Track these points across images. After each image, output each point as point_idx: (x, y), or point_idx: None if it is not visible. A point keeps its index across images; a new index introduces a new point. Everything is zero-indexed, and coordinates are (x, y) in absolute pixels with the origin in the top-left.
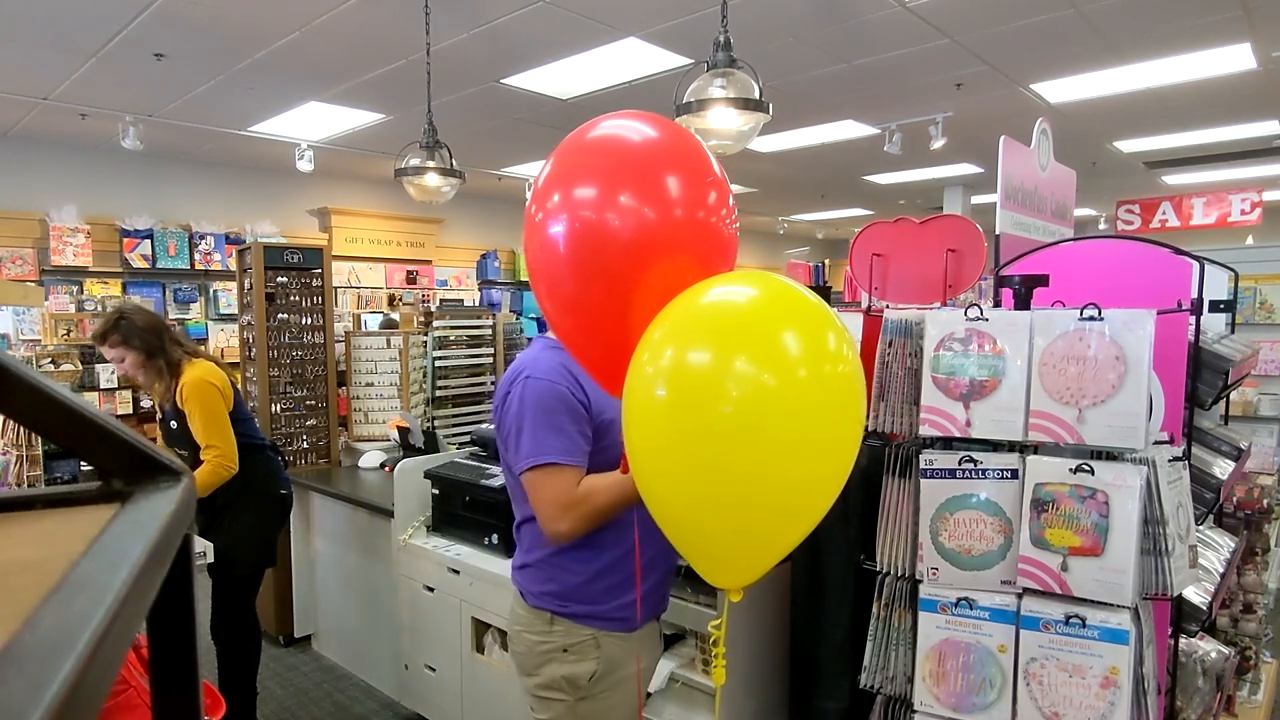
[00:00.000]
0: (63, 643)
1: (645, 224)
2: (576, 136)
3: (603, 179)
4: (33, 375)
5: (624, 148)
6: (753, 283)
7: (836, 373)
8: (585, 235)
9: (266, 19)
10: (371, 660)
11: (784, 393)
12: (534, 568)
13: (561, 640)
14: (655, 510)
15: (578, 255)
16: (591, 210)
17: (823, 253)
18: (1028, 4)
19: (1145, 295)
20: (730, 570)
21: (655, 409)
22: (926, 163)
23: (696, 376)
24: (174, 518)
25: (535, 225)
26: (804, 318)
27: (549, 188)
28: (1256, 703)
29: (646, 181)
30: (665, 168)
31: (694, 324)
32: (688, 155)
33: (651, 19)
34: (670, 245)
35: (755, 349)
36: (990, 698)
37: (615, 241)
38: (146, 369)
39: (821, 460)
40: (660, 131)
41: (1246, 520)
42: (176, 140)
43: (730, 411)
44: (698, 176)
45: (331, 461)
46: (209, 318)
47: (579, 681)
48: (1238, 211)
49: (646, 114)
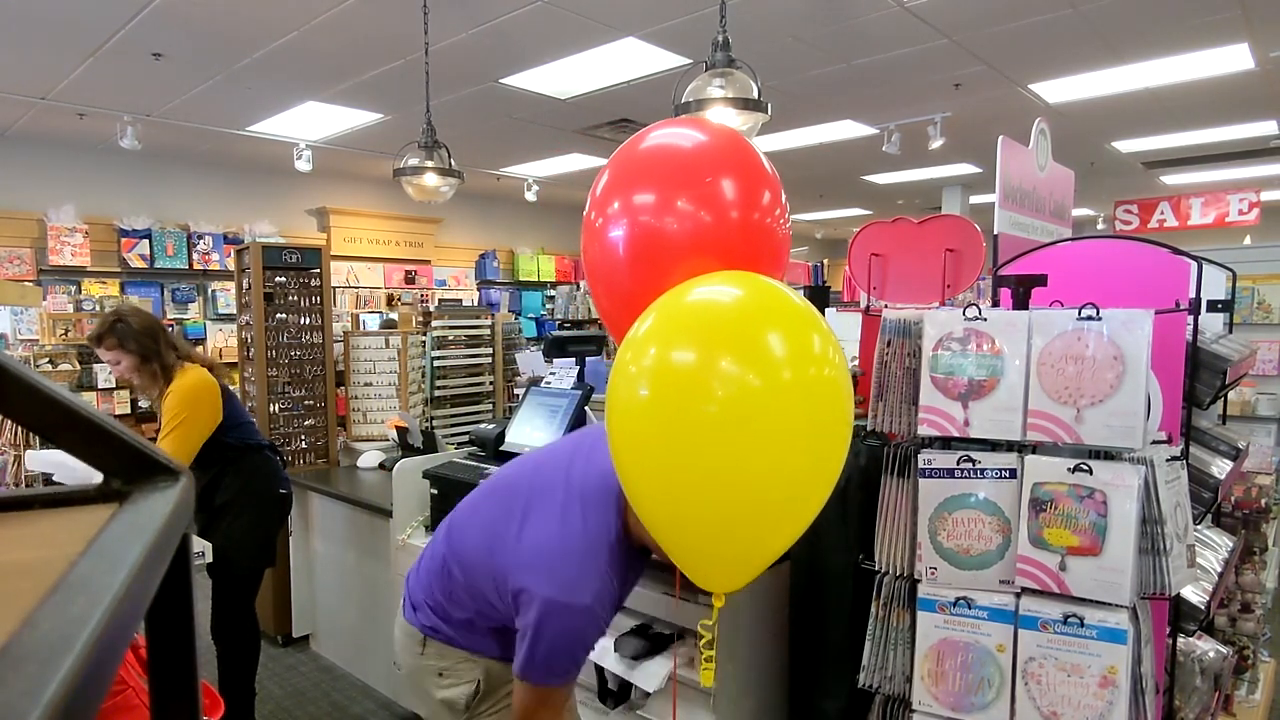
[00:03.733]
0: (61, 643)
1: (702, 227)
2: (634, 144)
3: (660, 185)
4: (31, 375)
5: (680, 155)
6: (740, 284)
7: (822, 376)
8: (644, 238)
9: (265, 18)
10: (370, 660)
11: (769, 394)
12: (425, 588)
13: (435, 662)
14: (642, 512)
15: (637, 257)
16: (650, 215)
17: (821, 252)
18: (1026, 4)
19: (1143, 295)
20: (718, 574)
21: (639, 409)
22: (925, 163)
23: (681, 376)
24: (172, 518)
25: (595, 230)
26: (790, 320)
27: (608, 195)
28: (1255, 702)
29: (700, 186)
30: (721, 173)
31: (680, 324)
32: (742, 160)
33: (650, 19)
34: (723, 248)
35: (741, 350)
36: (989, 697)
37: (672, 244)
38: (141, 372)
39: (808, 464)
40: (713, 138)
41: (1244, 520)
42: (175, 140)
43: (715, 412)
44: (754, 180)
45: (330, 461)
46: (207, 318)
47: (456, 705)
48: (1236, 211)
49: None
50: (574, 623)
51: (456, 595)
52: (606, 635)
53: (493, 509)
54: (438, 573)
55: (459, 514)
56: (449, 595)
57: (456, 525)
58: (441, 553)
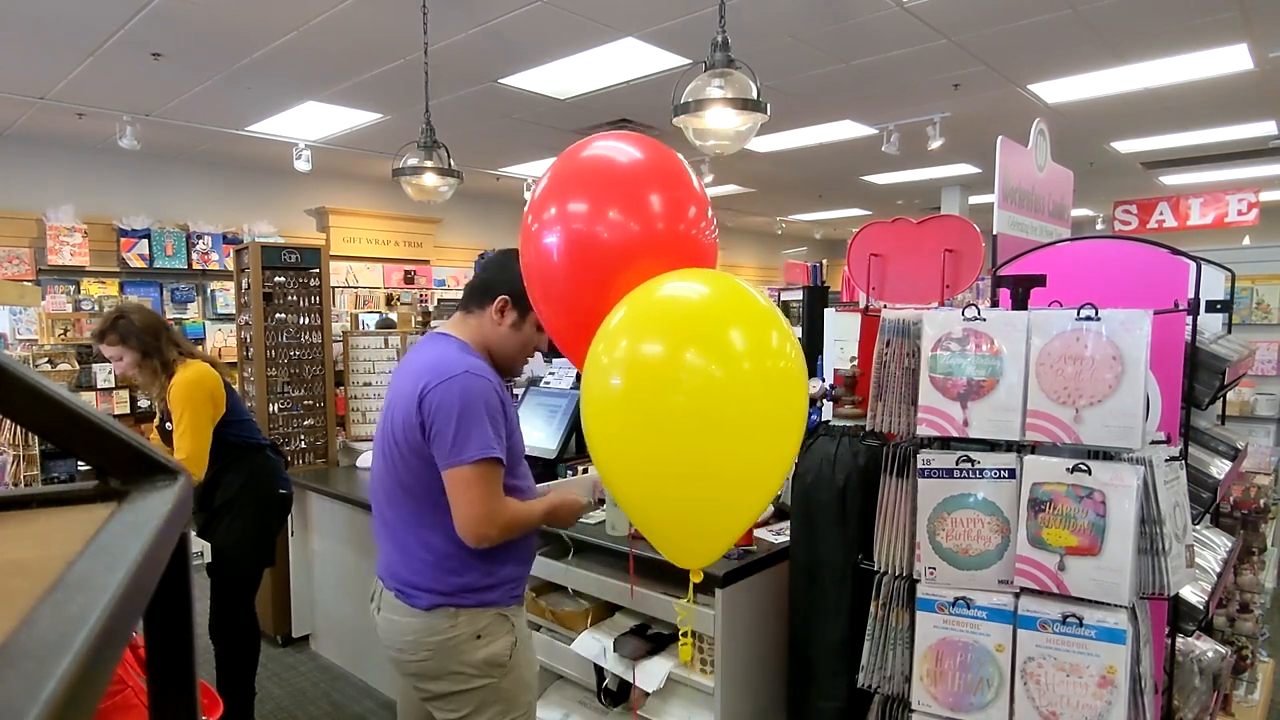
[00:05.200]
0: (60, 642)
1: (631, 235)
2: (571, 155)
3: (593, 195)
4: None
5: (614, 167)
6: (706, 281)
7: (778, 368)
8: (578, 244)
9: (264, 18)
10: (370, 660)
11: (730, 384)
12: (440, 566)
13: (468, 628)
14: (620, 497)
15: (571, 261)
16: (583, 223)
17: (820, 253)
18: (1025, 4)
19: (1142, 295)
20: (689, 551)
21: (611, 398)
22: (924, 163)
23: (650, 367)
24: (171, 517)
25: (531, 234)
26: (752, 316)
27: (545, 201)
28: (1253, 702)
29: (632, 197)
30: (650, 185)
31: (649, 319)
32: (671, 173)
33: (649, 19)
34: (654, 254)
35: (706, 344)
36: (988, 697)
37: (605, 250)
38: (142, 368)
39: (766, 447)
40: (646, 152)
41: (1243, 520)
42: (174, 140)
43: (681, 400)
44: (680, 191)
45: (329, 461)
46: (206, 317)
47: (501, 659)
48: (1235, 212)
49: (634, 135)
50: (483, 388)
51: (418, 524)
52: (606, 635)
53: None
54: (402, 535)
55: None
56: (421, 541)
57: (372, 493)
58: (385, 517)
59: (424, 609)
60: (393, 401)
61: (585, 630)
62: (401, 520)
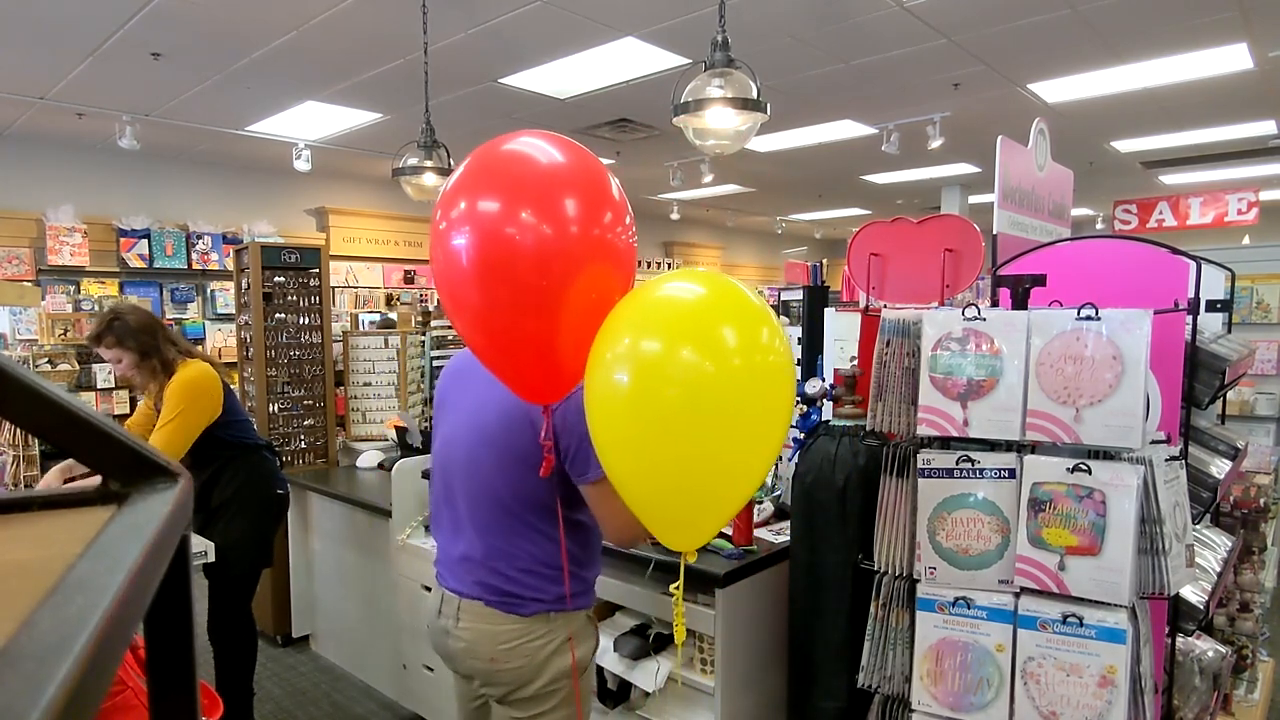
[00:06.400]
0: (60, 644)
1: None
2: (486, 150)
3: (508, 197)
4: (29, 376)
5: (530, 167)
6: (702, 282)
7: (768, 362)
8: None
9: (263, 18)
10: (370, 660)
11: (721, 378)
12: (544, 575)
13: (563, 631)
14: (620, 486)
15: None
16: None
17: (820, 252)
18: (1025, 4)
19: (1142, 295)
20: (684, 534)
21: (615, 394)
22: (924, 163)
23: (650, 365)
24: (171, 519)
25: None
26: (743, 314)
27: (455, 197)
28: (1253, 702)
29: (548, 201)
30: (566, 189)
31: (648, 321)
32: (588, 176)
33: (649, 19)
34: (576, 258)
35: (699, 341)
36: (988, 697)
37: (524, 254)
38: (141, 369)
39: (755, 437)
40: (564, 153)
41: (1243, 519)
42: (173, 140)
43: (676, 394)
44: (598, 197)
45: (329, 461)
46: (206, 317)
47: (585, 663)
48: (1234, 211)
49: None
50: (579, 401)
51: (511, 521)
52: (606, 635)
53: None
54: (496, 545)
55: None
56: (521, 551)
57: (446, 503)
58: (468, 529)
59: (526, 616)
60: (484, 407)
61: None
62: (505, 530)
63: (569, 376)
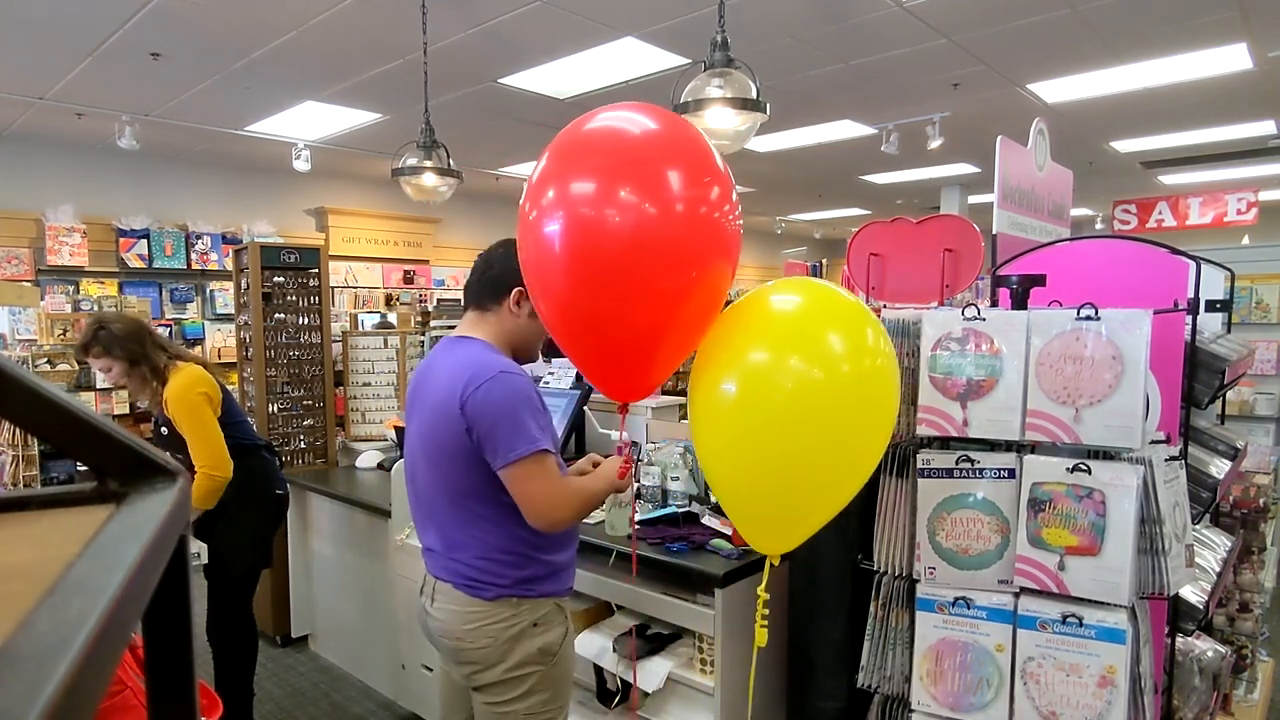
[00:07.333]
0: (59, 644)
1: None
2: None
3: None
4: (27, 376)
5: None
6: (805, 292)
7: (875, 366)
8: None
9: (263, 18)
10: (369, 660)
11: (830, 385)
12: (500, 561)
13: (529, 617)
14: (719, 491)
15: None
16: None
17: (820, 252)
18: (1025, 4)
19: (1142, 295)
20: (775, 538)
21: (720, 402)
22: (924, 163)
23: (756, 375)
24: (170, 519)
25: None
26: (847, 320)
27: (543, 185)
28: (1253, 701)
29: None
30: (667, 164)
31: (754, 330)
32: (692, 151)
33: (649, 18)
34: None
35: (806, 352)
36: (987, 697)
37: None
38: (132, 376)
39: (860, 443)
40: (663, 125)
41: (1243, 519)
42: (173, 140)
43: (782, 402)
44: (702, 172)
45: (329, 462)
46: (205, 318)
47: (553, 649)
48: (1234, 211)
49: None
50: (521, 384)
51: (469, 514)
52: (606, 635)
53: (413, 442)
54: (457, 535)
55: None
56: (477, 540)
57: (413, 496)
58: (436, 519)
59: (488, 600)
60: (424, 409)
61: (585, 630)
62: (456, 522)
63: (658, 378)
